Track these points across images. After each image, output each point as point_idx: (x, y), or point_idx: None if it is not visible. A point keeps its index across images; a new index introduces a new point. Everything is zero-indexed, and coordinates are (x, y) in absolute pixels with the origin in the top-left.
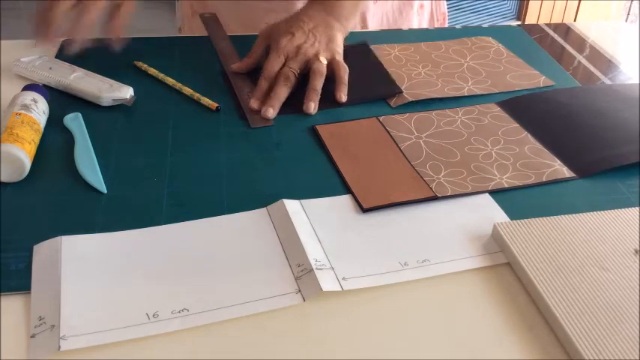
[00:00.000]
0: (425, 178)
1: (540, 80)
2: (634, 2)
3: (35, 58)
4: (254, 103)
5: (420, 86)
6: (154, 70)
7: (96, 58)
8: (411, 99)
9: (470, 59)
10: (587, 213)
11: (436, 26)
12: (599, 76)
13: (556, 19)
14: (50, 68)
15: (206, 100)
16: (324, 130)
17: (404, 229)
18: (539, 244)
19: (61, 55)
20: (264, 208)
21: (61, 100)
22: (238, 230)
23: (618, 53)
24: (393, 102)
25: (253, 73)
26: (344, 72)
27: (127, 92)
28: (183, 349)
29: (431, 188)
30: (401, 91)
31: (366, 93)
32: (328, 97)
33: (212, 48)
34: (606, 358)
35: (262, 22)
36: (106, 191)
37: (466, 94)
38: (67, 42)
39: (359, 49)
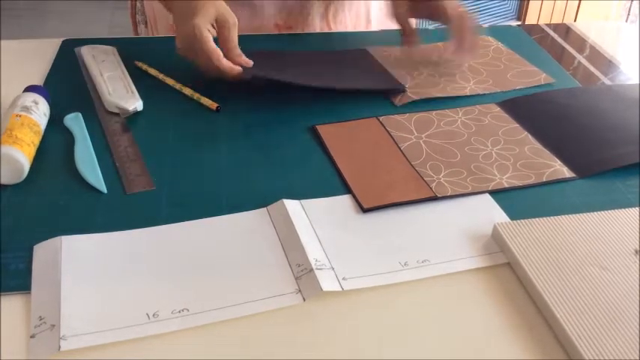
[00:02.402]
0: (425, 178)
1: (541, 77)
2: (634, 2)
3: (103, 47)
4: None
5: (423, 85)
6: (154, 70)
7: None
8: (415, 97)
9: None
10: (587, 213)
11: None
12: (599, 76)
13: (556, 19)
14: (103, 61)
15: (206, 100)
16: (324, 130)
17: (404, 229)
18: (539, 244)
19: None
20: (264, 208)
21: (61, 100)
22: (238, 230)
23: (618, 53)
24: (397, 100)
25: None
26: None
27: (131, 105)
28: (183, 349)
29: (431, 188)
30: (405, 90)
31: (370, 85)
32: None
33: None
34: (606, 358)
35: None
36: (106, 191)
37: (468, 94)
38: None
39: (358, 54)
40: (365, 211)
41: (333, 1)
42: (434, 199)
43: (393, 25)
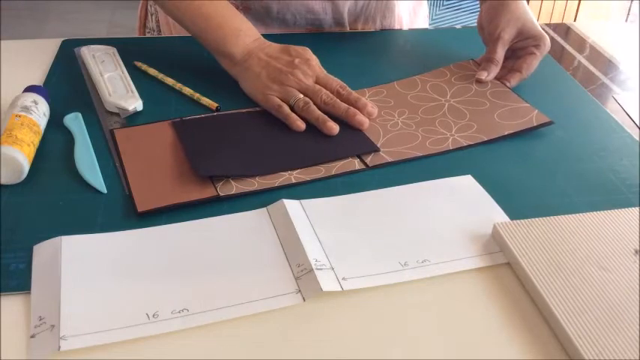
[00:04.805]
0: (213, 179)
1: (533, 117)
2: (634, 2)
3: (103, 47)
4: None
5: (398, 141)
6: (154, 70)
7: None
8: (390, 159)
9: (450, 96)
10: (587, 213)
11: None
12: (599, 76)
13: (556, 19)
14: (103, 61)
15: (206, 100)
16: (120, 134)
17: (404, 229)
18: (539, 244)
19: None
20: (264, 208)
21: (61, 100)
22: (238, 230)
23: (618, 53)
24: (369, 160)
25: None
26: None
27: (131, 104)
28: (183, 349)
29: (215, 188)
30: (377, 149)
31: (339, 152)
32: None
33: None
34: (606, 358)
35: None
36: (106, 191)
37: (451, 148)
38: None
39: None
40: (140, 214)
41: (362, 12)
42: (217, 198)
43: None
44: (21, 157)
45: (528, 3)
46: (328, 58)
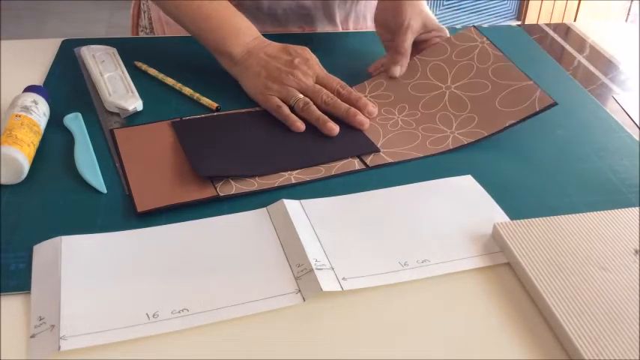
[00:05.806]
0: (213, 179)
1: (536, 100)
2: (634, 2)
3: (103, 47)
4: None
5: (398, 141)
6: (154, 70)
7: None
8: (390, 160)
9: (451, 81)
10: (587, 213)
11: None
12: (599, 76)
13: (556, 19)
14: (103, 61)
15: (206, 100)
16: (120, 134)
17: (404, 229)
18: (539, 244)
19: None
20: (264, 208)
21: (61, 100)
22: (238, 230)
23: (618, 53)
24: (369, 161)
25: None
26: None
27: (131, 104)
28: (183, 349)
29: (215, 188)
30: (377, 150)
31: (339, 152)
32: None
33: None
34: (606, 358)
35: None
36: (106, 191)
37: (451, 147)
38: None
39: None
40: (139, 214)
41: (353, 9)
42: (217, 198)
43: None
44: (21, 157)
45: (528, 3)
46: (326, 59)
